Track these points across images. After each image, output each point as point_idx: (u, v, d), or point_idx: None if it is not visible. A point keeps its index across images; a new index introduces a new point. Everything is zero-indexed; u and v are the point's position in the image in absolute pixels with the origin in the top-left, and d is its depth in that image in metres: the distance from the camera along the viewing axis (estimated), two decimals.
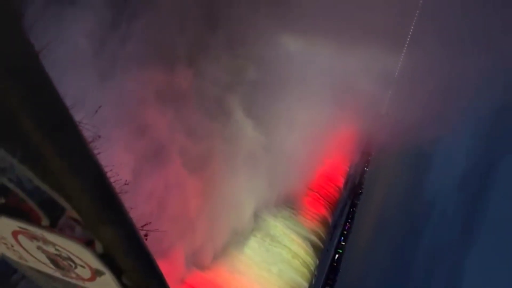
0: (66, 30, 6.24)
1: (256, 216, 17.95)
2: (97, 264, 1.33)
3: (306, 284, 19.35)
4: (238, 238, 16.74)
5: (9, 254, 1.45)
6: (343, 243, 30.07)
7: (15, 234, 1.36)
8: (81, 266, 1.36)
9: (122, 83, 8.13)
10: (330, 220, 25.08)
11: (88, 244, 1.31)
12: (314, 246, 21.98)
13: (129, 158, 8.15)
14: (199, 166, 11.78)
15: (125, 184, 5.21)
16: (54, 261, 1.40)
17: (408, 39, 14.81)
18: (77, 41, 6.78)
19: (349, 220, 30.98)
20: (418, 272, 33.63)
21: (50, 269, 1.45)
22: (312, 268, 21.34)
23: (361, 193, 29.99)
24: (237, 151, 13.83)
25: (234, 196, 14.72)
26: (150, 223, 5.68)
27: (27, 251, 1.39)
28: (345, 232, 30.56)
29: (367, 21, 11.48)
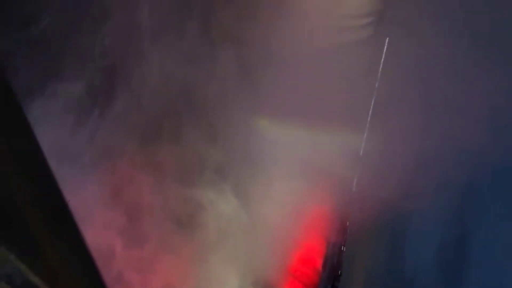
0: (39, 120, 6.36)
1: None
2: None
3: None
4: None
5: None
6: None
7: None
8: None
9: (99, 163, 8.36)
10: None
11: None
12: None
13: (108, 240, 8.18)
14: (178, 244, 11.65)
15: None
16: None
17: (369, 115, 15.42)
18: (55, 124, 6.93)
19: None
20: None
21: None
22: None
23: (340, 274, 30.49)
24: (217, 229, 13.69)
25: (215, 279, 14.27)
26: None
27: None
28: None
29: (329, 103, 12.14)
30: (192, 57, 8.50)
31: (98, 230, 6.39)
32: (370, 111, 12.73)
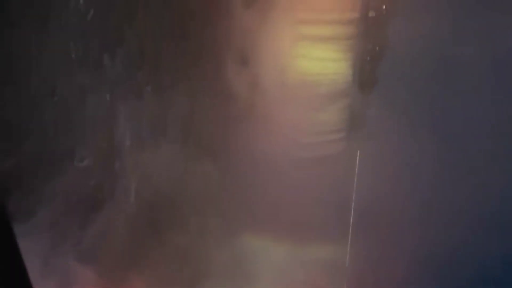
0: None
1: None
2: None
3: None
4: None
5: None
6: None
7: None
8: None
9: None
10: None
11: None
12: None
13: None
14: None
15: None
16: None
17: (350, 225, 15.21)
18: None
19: None
20: None
21: None
22: None
23: None
24: None
25: None
26: None
27: None
28: None
29: (308, 215, 12.01)
30: (171, 174, 8.73)
31: None
32: (351, 221, 12.77)
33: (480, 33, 8.95)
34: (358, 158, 10.49)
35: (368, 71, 10.91)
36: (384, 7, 11.13)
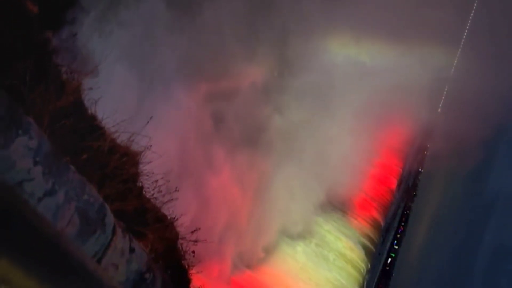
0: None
1: (305, 217, 17.65)
2: None
3: None
4: (287, 240, 16.71)
5: None
6: (396, 247, 29.70)
7: None
8: None
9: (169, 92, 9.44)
10: (382, 223, 24.95)
11: None
12: (365, 250, 22.29)
13: (179, 165, 8.86)
14: (247, 167, 12.69)
15: (175, 191, 5.17)
16: None
17: (465, 35, 16.58)
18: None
19: (403, 223, 30.83)
20: (477, 278, 33.78)
21: None
22: (363, 272, 21.17)
23: (415, 195, 31.35)
24: (283, 146, 14.33)
25: (281, 194, 14.77)
26: (199, 229, 5.61)
27: None
28: (398, 235, 30.15)
29: (422, 16, 13.28)
30: None
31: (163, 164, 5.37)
32: (466, 31, 15.21)
33: None
34: None
35: None
36: None
